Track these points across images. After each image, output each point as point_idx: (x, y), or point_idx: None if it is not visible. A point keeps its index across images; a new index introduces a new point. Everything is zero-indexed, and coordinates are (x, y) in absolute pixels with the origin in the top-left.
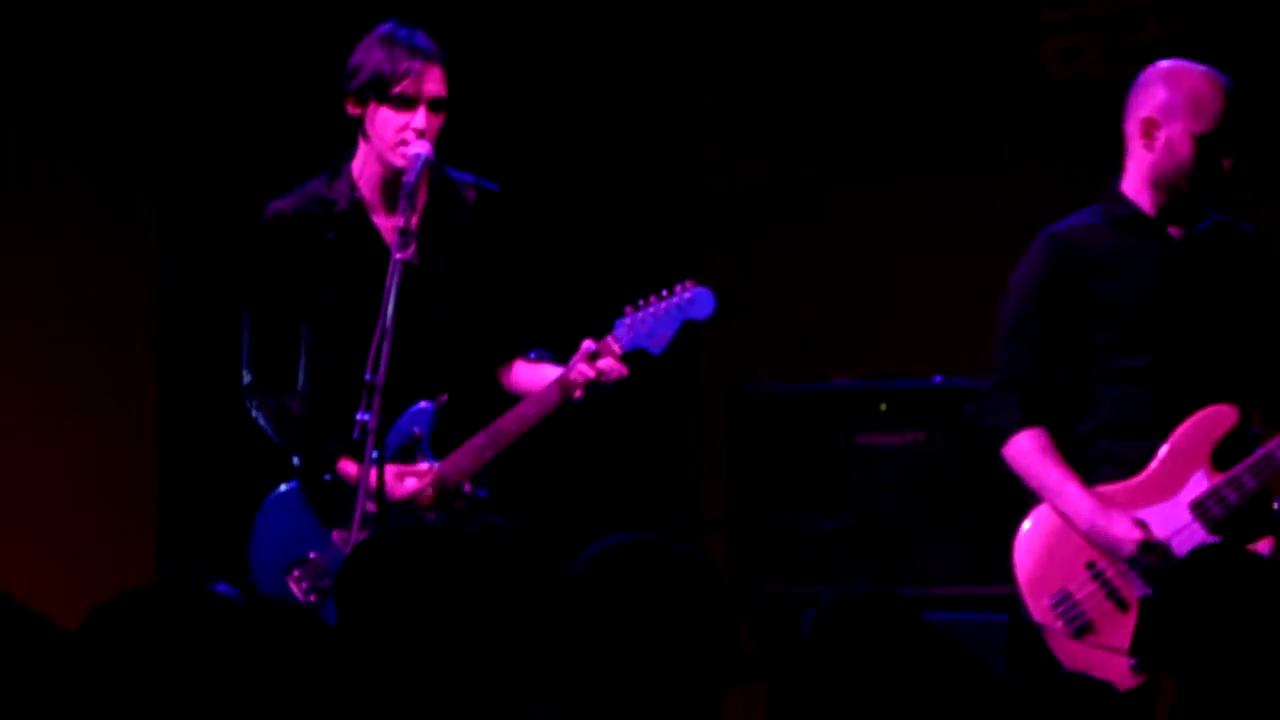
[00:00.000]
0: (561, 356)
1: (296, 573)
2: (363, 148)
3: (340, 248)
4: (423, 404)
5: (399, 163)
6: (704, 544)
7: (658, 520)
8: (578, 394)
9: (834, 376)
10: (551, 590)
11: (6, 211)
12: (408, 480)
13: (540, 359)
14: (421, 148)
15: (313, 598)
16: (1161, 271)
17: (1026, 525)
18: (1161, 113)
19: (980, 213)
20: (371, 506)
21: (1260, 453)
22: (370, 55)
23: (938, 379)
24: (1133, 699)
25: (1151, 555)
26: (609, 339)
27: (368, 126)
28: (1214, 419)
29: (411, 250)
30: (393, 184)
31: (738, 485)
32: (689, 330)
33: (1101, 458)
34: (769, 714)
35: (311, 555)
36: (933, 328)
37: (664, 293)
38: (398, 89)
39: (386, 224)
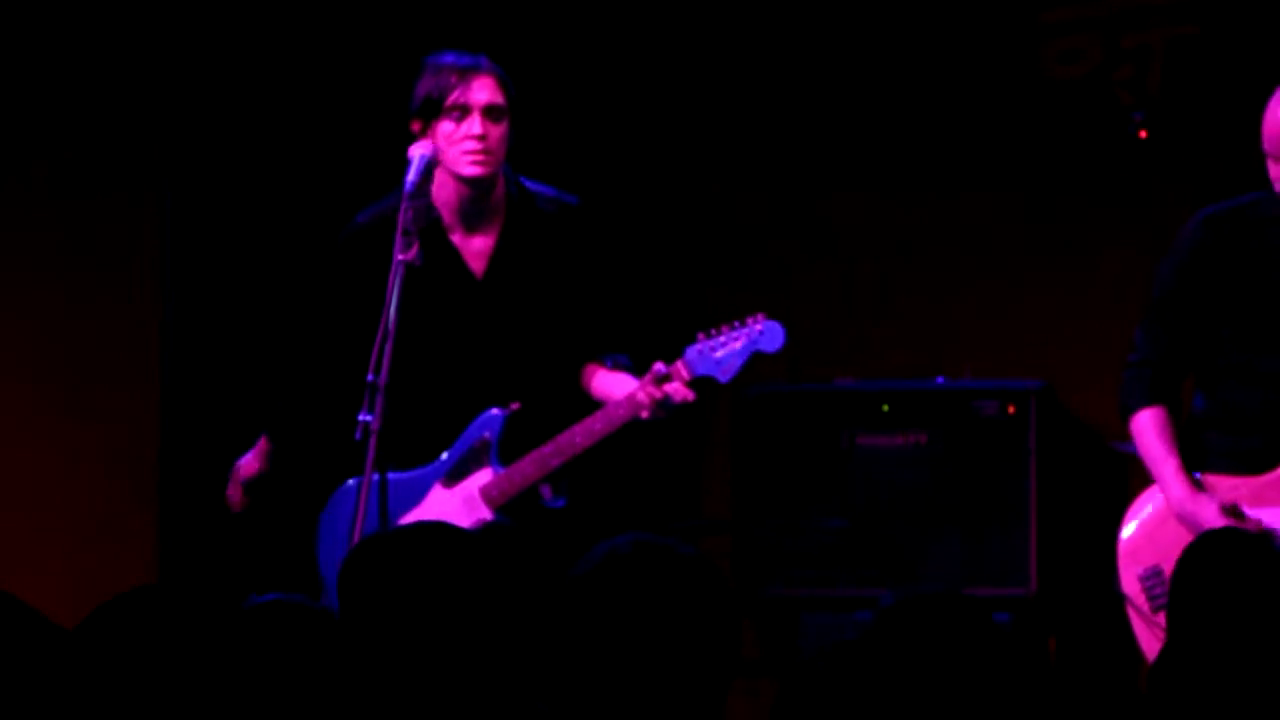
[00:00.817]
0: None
1: None
2: (439, 170)
3: (428, 261)
4: (494, 411)
5: (467, 172)
6: (708, 545)
7: (662, 521)
8: (644, 414)
9: (837, 378)
10: (557, 590)
11: (8, 212)
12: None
13: (617, 367)
14: (426, 147)
15: None
16: None
17: (1140, 497)
18: None
19: (982, 214)
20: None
21: None
22: (422, 83)
23: (940, 380)
24: None
25: None
26: (679, 364)
27: (438, 143)
28: None
29: (414, 252)
30: (471, 202)
31: (741, 486)
32: (692, 330)
33: (1220, 445)
34: (773, 713)
35: None
36: (936, 329)
37: (735, 323)
38: (449, 101)
39: (465, 244)
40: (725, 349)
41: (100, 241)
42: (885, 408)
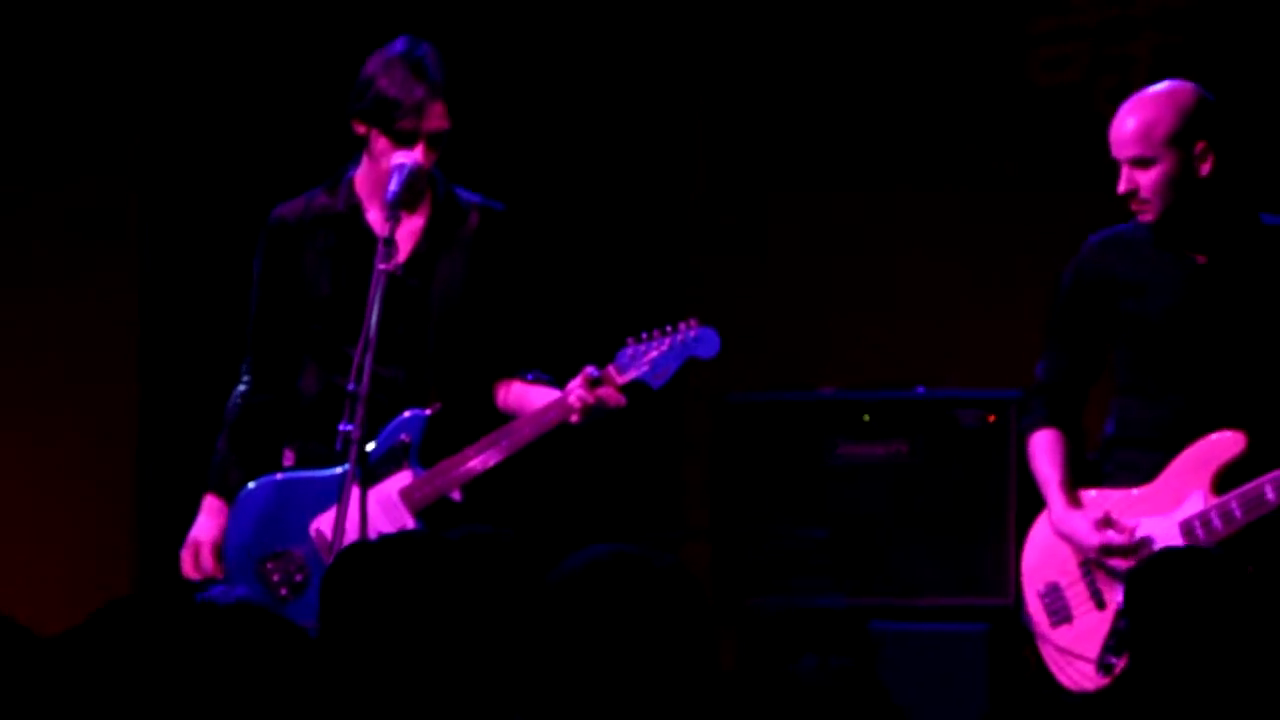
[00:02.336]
0: (558, 378)
1: (270, 565)
2: (366, 163)
3: (338, 251)
4: (414, 412)
5: (395, 161)
6: (688, 554)
7: (642, 530)
8: (574, 418)
9: (818, 387)
10: (534, 599)
11: None
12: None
13: (537, 381)
14: (407, 157)
15: (284, 591)
16: (1184, 300)
17: (1039, 518)
18: (1209, 131)
19: (967, 222)
20: (354, 515)
21: (1252, 485)
22: (379, 79)
23: (921, 390)
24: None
25: (1114, 557)
26: (611, 368)
27: (372, 148)
28: (1222, 444)
29: (395, 261)
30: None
31: (722, 495)
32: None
33: (1118, 466)
34: None
35: (288, 548)
36: (916, 339)
37: (669, 328)
38: (400, 124)
39: (381, 230)
40: (659, 354)
41: (81, 246)
42: (866, 417)
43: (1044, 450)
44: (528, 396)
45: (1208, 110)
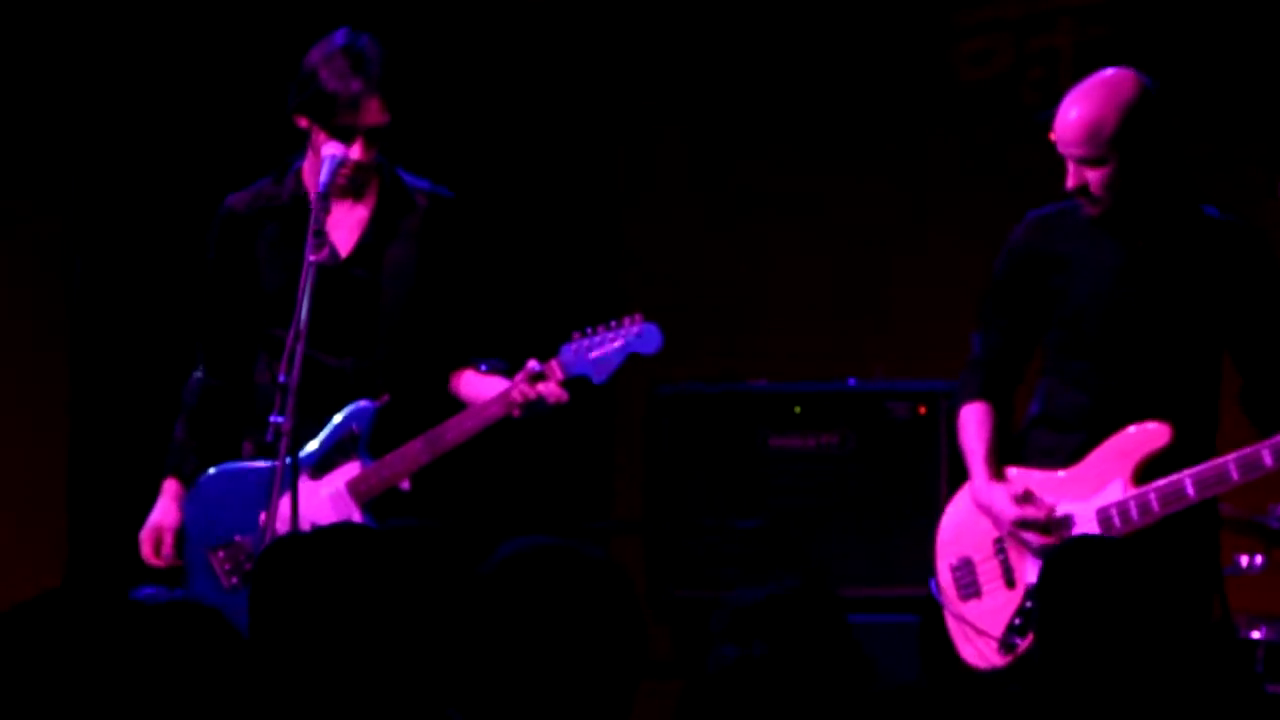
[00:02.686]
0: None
1: (221, 554)
2: (310, 155)
3: (282, 242)
4: (363, 403)
5: (339, 182)
6: (620, 545)
7: (573, 521)
8: (517, 413)
9: (749, 378)
10: (464, 591)
11: None
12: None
13: (492, 370)
14: (336, 148)
15: (234, 579)
16: (1116, 281)
17: (958, 493)
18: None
19: (896, 214)
20: (284, 508)
21: (1171, 479)
22: (319, 71)
23: (851, 382)
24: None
25: (1030, 532)
26: (554, 363)
27: (314, 141)
28: (1147, 435)
29: (325, 252)
30: (340, 187)
31: (653, 486)
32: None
33: (1037, 447)
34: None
35: (236, 538)
36: (847, 330)
37: (612, 323)
38: (338, 120)
39: (331, 224)
40: (601, 349)
41: (8, 237)
42: (797, 409)
43: (972, 422)
44: (480, 386)
45: (1151, 101)
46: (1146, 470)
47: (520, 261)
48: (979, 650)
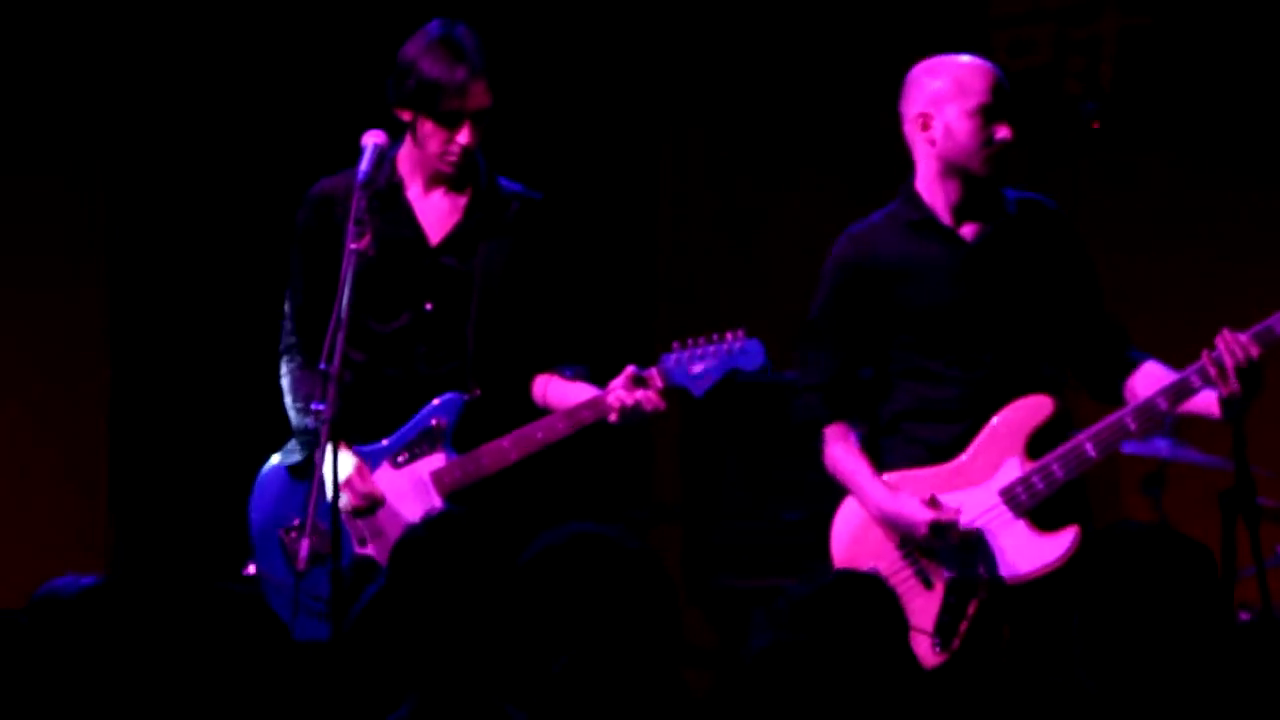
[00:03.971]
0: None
1: (293, 535)
2: (409, 144)
3: (376, 227)
4: (450, 395)
5: (444, 170)
6: (659, 535)
7: (613, 510)
8: (613, 417)
9: (789, 368)
10: (507, 582)
11: None
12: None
13: (577, 377)
14: (379, 136)
15: (305, 563)
16: (954, 277)
17: (841, 510)
18: (932, 103)
19: None
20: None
21: (1070, 444)
22: (421, 62)
23: None
24: (937, 677)
25: (943, 537)
26: (654, 370)
27: (418, 132)
28: (1031, 408)
29: (366, 241)
30: (435, 180)
31: (693, 476)
32: (645, 319)
33: (908, 439)
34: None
35: (321, 525)
36: None
37: (715, 336)
38: (444, 106)
39: (423, 211)
40: (704, 363)
41: (49, 236)
42: None
43: (839, 443)
44: (566, 392)
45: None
46: (1037, 442)
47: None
48: (918, 650)
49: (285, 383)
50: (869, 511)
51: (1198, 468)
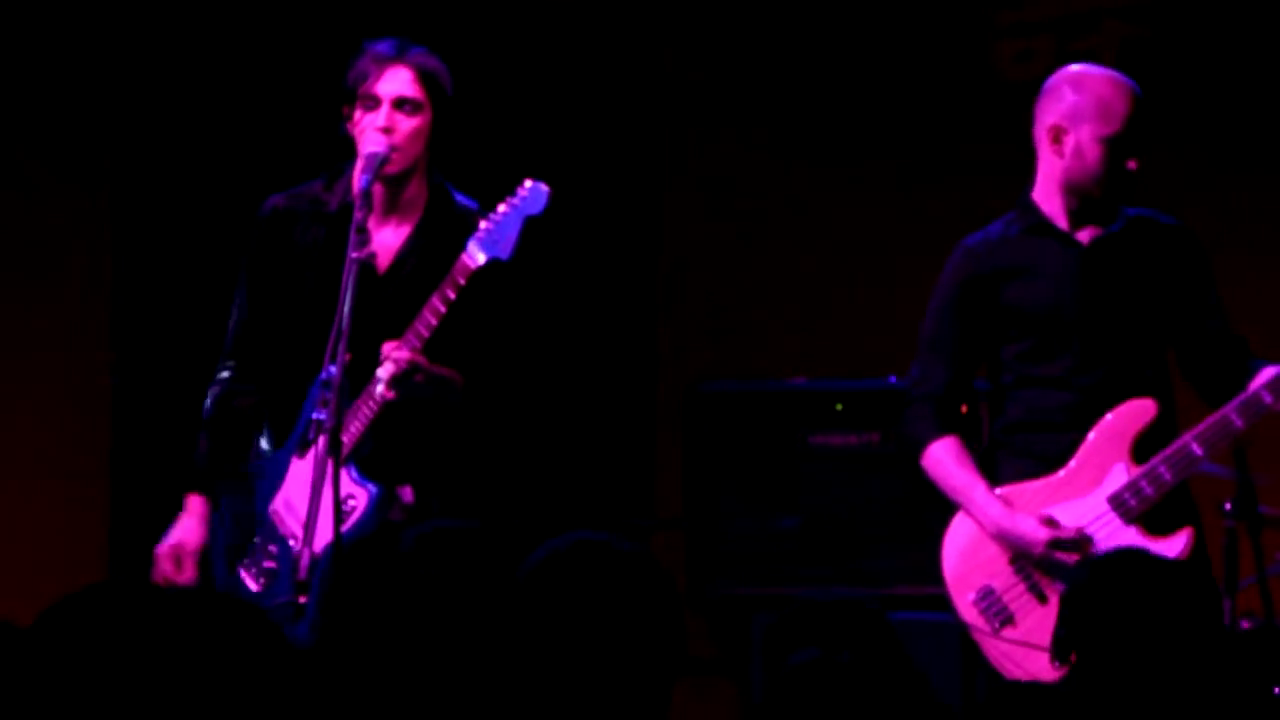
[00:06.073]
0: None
1: (245, 560)
2: (359, 159)
3: (326, 248)
4: (332, 369)
5: (364, 150)
6: (660, 543)
7: (613, 518)
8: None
9: (790, 376)
10: (507, 591)
11: None
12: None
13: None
14: (378, 145)
15: (261, 581)
16: (1070, 280)
17: (952, 526)
18: (1069, 118)
19: (935, 214)
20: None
21: (1176, 445)
22: (352, 68)
23: (893, 380)
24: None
25: (1062, 551)
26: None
27: (355, 132)
28: (1135, 412)
29: (367, 250)
30: (386, 188)
31: (694, 484)
32: (647, 328)
33: (1019, 451)
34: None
35: (255, 540)
36: (888, 328)
37: (507, 197)
38: (362, 89)
39: (376, 230)
40: (501, 229)
41: (53, 234)
42: (839, 407)
43: (951, 458)
44: None
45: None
46: (1142, 446)
47: (561, 258)
48: (1035, 667)
49: (208, 406)
50: (984, 528)
51: (1199, 476)
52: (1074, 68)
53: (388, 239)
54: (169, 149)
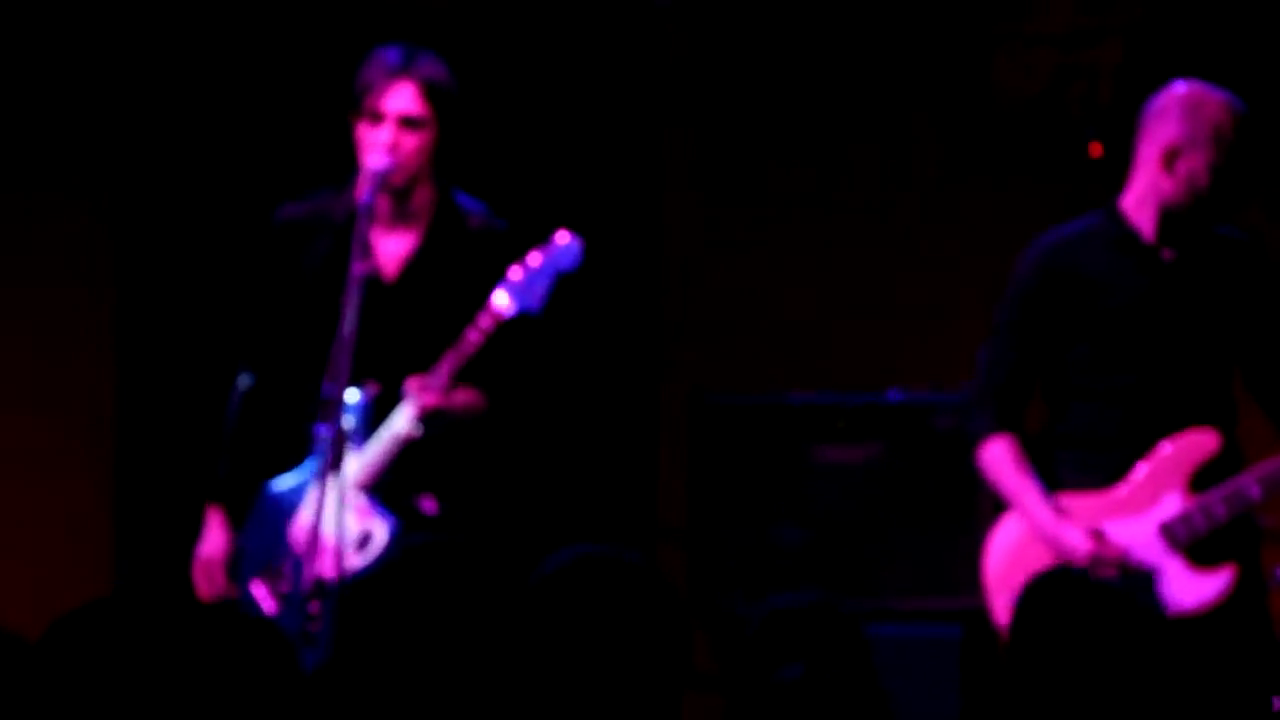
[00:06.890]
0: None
1: (265, 579)
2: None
3: (332, 260)
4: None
5: (368, 166)
6: (663, 556)
7: (617, 531)
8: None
9: (792, 390)
10: (511, 604)
11: None
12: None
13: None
14: (379, 163)
15: (277, 602)
16: (1147, 296)
17: (1000, 526)
18: (1186, 143)
19: (935, 228)
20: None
21: (1234, 484)
22: (358, 76)
23: (894, 393)
24: None
25: (1103, 569)
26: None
27: (360, 144)
28: (1197, 443)
29: (369, 265)
30: (388, 205)
31: (697, 497)
32: (651, 340)
33: (1073, 464)
34: None
35: (273, 560)
36: (890, 342)
37: (539, 249)
38: (367, 101)
39: (379, 246)
40: (533, 282)
41: (57, 240)
42: (841, 421)
43: (1008, 458)
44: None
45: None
46: (1201, 477)
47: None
48: None
49: (231, 415)
50: (1032, 528)
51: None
52: (1192, 89)
53: (395, 247)
54: (171, 152)
